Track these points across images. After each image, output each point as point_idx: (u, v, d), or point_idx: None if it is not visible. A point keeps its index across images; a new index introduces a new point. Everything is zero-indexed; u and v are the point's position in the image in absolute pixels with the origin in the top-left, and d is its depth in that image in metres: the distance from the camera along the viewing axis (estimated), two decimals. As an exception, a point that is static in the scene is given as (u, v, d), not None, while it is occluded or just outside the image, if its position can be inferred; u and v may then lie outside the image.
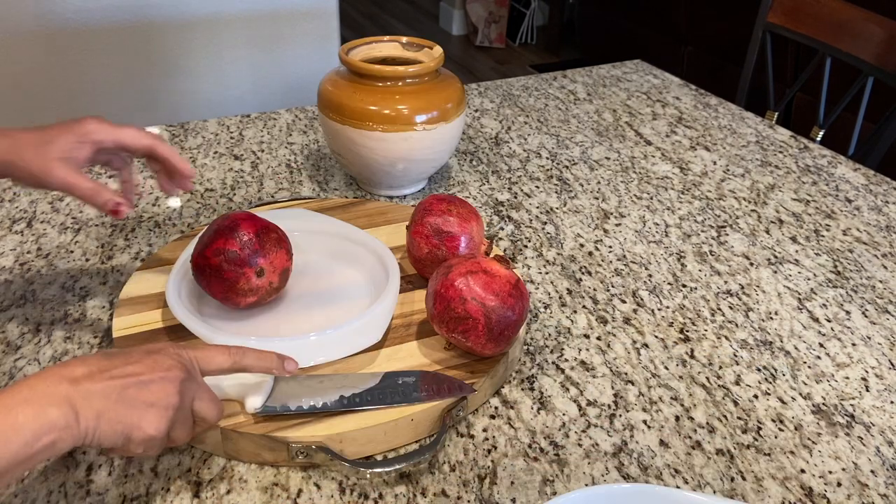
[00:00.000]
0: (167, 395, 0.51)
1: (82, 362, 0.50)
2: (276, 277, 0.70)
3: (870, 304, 0.83)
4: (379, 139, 0.91)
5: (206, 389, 0.56)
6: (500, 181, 1.05)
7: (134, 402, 0.50)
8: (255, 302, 0.70)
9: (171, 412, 0.52)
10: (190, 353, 0.55)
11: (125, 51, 1.54)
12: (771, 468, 0.63)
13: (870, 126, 1.83)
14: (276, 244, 0.70)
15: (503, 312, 0.64)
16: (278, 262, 0.70)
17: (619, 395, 0.69)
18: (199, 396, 0.55)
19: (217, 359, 0.56)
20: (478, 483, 0.60)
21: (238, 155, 1.09)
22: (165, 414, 0.51)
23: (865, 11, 1.35)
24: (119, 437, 0.50)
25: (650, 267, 0.88)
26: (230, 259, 0.67)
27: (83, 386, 0.48)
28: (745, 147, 1.18)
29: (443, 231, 0.75)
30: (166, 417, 0.51)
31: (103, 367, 0.50)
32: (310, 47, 1.71)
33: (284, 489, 0.59)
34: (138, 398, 0.50)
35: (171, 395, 0.51)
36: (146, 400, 0.50)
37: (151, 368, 0.52)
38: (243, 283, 0.68)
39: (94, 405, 0.48)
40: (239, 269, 0.68)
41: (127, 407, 0.50)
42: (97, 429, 0.48)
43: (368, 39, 0.98)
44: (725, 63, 2.66)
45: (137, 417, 0.50)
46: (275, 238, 0.70)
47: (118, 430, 0.49)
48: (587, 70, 1.45)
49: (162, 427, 0.51)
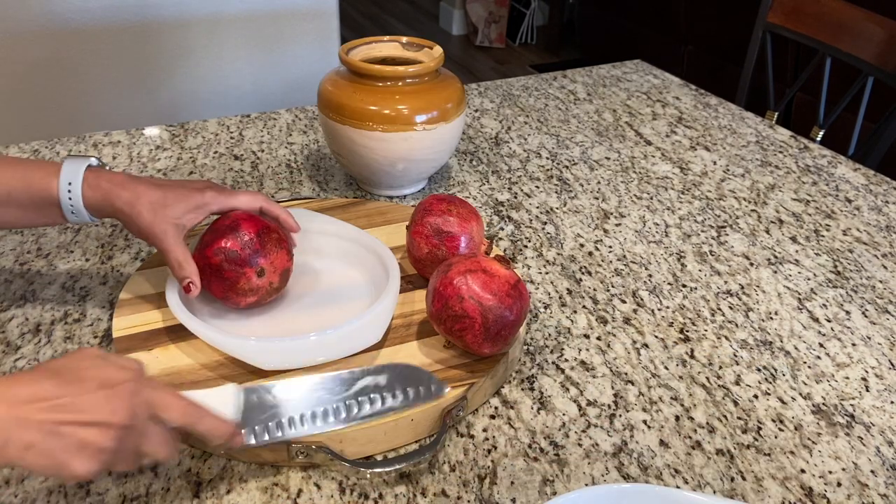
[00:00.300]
0: (104, 440, 0.49)
1: (30, 383, 0.49)
2: (276, 278, 0.70)
3: (870, 304, 0.83)
4: (379, 139, 0.91)
5: (155, 434, 0.53)
6: (500, 181, 1.05)
7: (68, 442, 0.48)
8: (255, 302, 0.70)
9: (105, 456, 0.49)
10: (147, 395, 0.52)
11: (125, 51, 1.54)
12: (771, 468, 0.63)
13: (870, 126, 1.83)
14: (277, 244, 0.70)
15: (500, 312, 0.64)
16: (279, 262, 0.70)
17: (619, 395, 0.70)
18: (146, 441, 0.52)
19: (172, 413, 0.53)
20: (478, 483, 0.60)
21: (238, 155, 1.09)
22: (98, 457, 0.49)
23: (865, 11, 1.35)
24: (48, 471, 0.48)
25: (650, 267, 0.88)
26: (230, 258, 0.67)
27: (21, 413, 0.47)
28: (745, 147, 1.18)
29: (443, 231, 0.75)
30: (98, 460, 0.49)
31: (49, 396, 0.48)
32: (310, 47, 1.71)
33: (284, 489, 0.59)
34: (73, 437, 0.48)
35: (107, 440, 0.49)
36: (80, 441, 0.48)
37: (96, 409, 0.49)
38: (244, 282, 0.68)
39: (25, 437, 0.47)
40: (239, 269, 0.68)
41: (60, 444, 0.48)
42: (23, 459, 0.47)
43: (368, 39, 0.98)
44: (725, 63, 2.66)
45: (68, 457, 0.48)
46: (275, 238, 0.70)
47: (46, 465, 0.48)
48: (587, 70, 1.45)
49: (93, 468, 0.49)
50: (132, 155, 1.08)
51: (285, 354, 0.64)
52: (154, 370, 0.65)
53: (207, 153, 1.09)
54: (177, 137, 1.14)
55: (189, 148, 1.10)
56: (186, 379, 0.64)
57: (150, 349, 0.67)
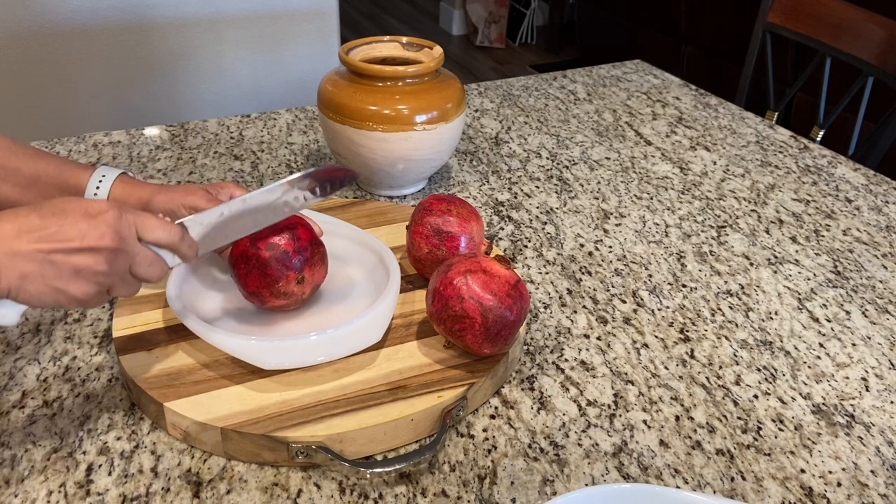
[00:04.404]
0: (95, 263, 0.53)
1: (14, 219, 0.51)
2: (309, 289, 0.70)
3: (870, 304, 0.83)
4: (379, 139, 0.91)
5: (145, 254, 0.57)
6: (500, 181, 1.05)
7: (61, 269, 0.52)
8: (281, 306, 0.70)
9: (101, 278, 0.53)
10: (130, 218, 0.56)
11: (126, 50, 1.54)
12: (771, 468, 0.63)
13: (870, 126, 1.83)
14: (321, 260, 0.70)
15: (500, 312, 0.64)
16: (318, 276, 0.70)
17: (619, 395, 0.70)
18: (136, 262, 0.56)
19: (157, 232, 0.57)
20: (478, 483, 0.60)
21: (238, 155, 1.09)
22: (93, 279, 0.53)
23: (865, 11, 1.35)
24: (47, 297, 0.52)
25: (650, 267, 0.88)
26: (280, 258, 0.67)
27: (11, 246, 0.50)
28: (745, 147, 1.18)
29: (443, 231, 0.75)
30: (94, 283, 0.53)
31: (35, 228, 0.51)
32: (310, 47, 1.71)
33: (284, 489, 0.59)
34: (66, 264, 0.52)
35: (99, 263, 0.53)
36: (73, 267, 0.52)
37: (83, 235, 0.52)
38: (283, 284, 0.68)
39: (19, 266, 0.50)
40: (285, 270, 0.67)
41: (53, 272, 0.51)
42: (21, 288, 0.51)
43: (368, 39, 0.98)
44: (725, 63, 2.66)
45: (64, 283, 0.52)
46: (321, 252, 0.71)
47: (45, 291, 0.52)
48: (587, 70, 1.45)
49: (90, 292, 0.53)
50: (132, 155, 1.08)
51: (285, 354, 0.64)
52: (154, 370, 0.65)
53: (207, 153, 1.09)
54: (177, 137, 1.14)
55: (189, 148, 1.10)
56: (187, 379, 0.64)
57: (150, 349, 0.67)
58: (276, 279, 0.67)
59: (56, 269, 0.51)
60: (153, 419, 0.64)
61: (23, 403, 0.66)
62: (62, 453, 0.61)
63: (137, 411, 0.65)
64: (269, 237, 0.68)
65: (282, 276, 0.67)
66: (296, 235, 0.68)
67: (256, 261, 0.67)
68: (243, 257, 0.68)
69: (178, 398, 0.62)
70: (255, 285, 0.68)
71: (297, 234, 0.68)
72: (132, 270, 0.56)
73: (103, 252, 0.53)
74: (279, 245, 0.67)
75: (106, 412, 0.65)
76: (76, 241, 0.52)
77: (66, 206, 0.53)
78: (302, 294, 0.70)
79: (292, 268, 0.68)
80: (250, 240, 0.68)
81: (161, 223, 0.58)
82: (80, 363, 0.70)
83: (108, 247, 0.53)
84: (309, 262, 0.69)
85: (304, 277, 0.69)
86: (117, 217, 0.54)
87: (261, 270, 0.67)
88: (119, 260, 0.54)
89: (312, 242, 0.69)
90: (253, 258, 0.67)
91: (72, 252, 0.52)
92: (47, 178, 0.69)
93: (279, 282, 0.68)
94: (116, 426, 0.64)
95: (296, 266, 0.68)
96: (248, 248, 0.68)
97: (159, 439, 0.63)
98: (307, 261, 0.68)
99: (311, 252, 0.69)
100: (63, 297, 0.53)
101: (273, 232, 0.68)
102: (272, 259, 0.67)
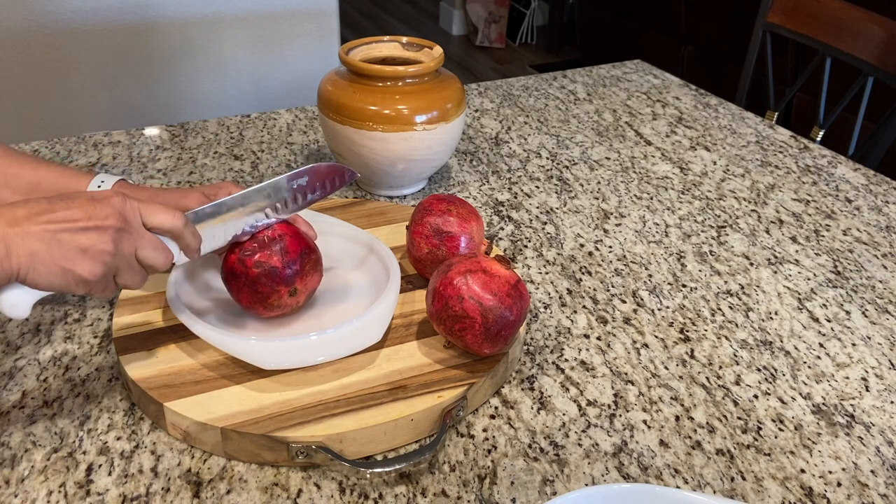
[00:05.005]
0: (101, 242, 0.54)
1: (24, 204, 0.54)
2: (304, 297, 0.70)
3: (870, 304, 0.83)
4: (379, 139, 0.91)
5: (150, 238, 0.58)
6: (500, 181, 1.05)
7: (68, 247, 0.53)
8: (277, 315, 0.70)
9: (107, 258, 0.55)
10: (134, 204, 0.58)
11: (125, 50, 1.54)
12: (771, 468, 0.63)
13: (870, 126, 1.83)
14: (314, 267, 0.70)
15: (500, 312, 0.64)
16: (311, 284, 0.70)
17: (619, 395, 0.70)
18: (141, 245, 0.58)
19: (160, 216, 0.59)
20: (478, 483, 0.60)
21: (238, 155, 1.09)
22: (100, 258, 0.55)
23: (865, 11, 1.35)
24: (55, 278, 0.54)
25: (650, 267, 0.88)
26: (269, 274, 0.67)
27: (20, 227, 0.52)
28: (745, 147, 1.18)
29: (443, 231, 0.75)
30: (101, 262, 0.55)
31: (42, 210, 0.54)
32: (310, 47, 1.71)
33: (284, 489, 0.59)
34: (72, 243, 0.54)
35: (104, 242, 0.55)
36: (80, 245, 0.54)
37: (89, 216, 0.54)
38: (274, 298, 0.68)
39: (28, 245, 0.52)
40: (275, 286, 0.67)
41: (61, 251, 0.53)
42: (31, 268, 0.53)
43: (368, 39, 0.98)
44: (725, 63, 2.66)
45: (71, 262, 0.54)
46: (313, 260, 0.70)
47: (53, 272, 0.53)
48: (587, 70, 1.45)
49: (97, 272, 0.55)
50: (132, 155, 1.08)
51: (286, 354, 0.64)
52: (154, 370, 0.65)
53: (207, 153, 1.09)
54: (177, 137, 1.14)
55: (189, 148, 1.10)
56: (187, 379, 0.64)
57: (150, 349, 0.67)
58: (267, 295, 0.67)
59: (63, 249, 0.53)
60: (153, 419, 0.64)
61: (23, 403, 0.66)
62: (62, 453, 0.61)
63: (137, 411, 0.65)
64: (256, 254, 0.67)
65: (273, 292, 0.67)
66: (284, 249, 0.67)
67: (246, 279, 0.67)
68: (232, 274, 0.68)
69: (178, 398, 0.62)
70: (248, 301, 0.68)
71: (286, 248, 0.68)
72: (137, 255, 0.58)
73: (109, 231, 0.55)
74: (267, 263, 0.67)
75: (106, 412, 0.65)
76: (82, 220, 0.54)
77: (71, 194, 0.56)
78: (297, 303, 0.70)
79: (283, 282, 0.67)
80: (238, 257, 0.67)
81: (165, 209, 0.60)
82: (80, 363, 0.70)
83: (113, 225, 0.55)
84: (300, 273, 0.68)
85: (296, 289, 0.68)
86: (122, 201, 0.57)
87: (251, 288, 0.67)
88: (124, 240, 0.56)
89: (302, 253, 0.69)
90: (242, 276, 0.67)
91: (78, 231, 0.54)
92: (48, 184, 0.70)
93: (270, 297, 0.67)
94: (116, 426, 0.64)
95: (286, 280, 0.67)
96: (236, 266, 0.67)
97: (159, 439, 0.63)
98: (297, 272, 0.68)
99: (300, 263, 0.68)
100: (71, 278, 0.54)
101: (261, 248, 0.67)
102: (261, 276, 0.67)
